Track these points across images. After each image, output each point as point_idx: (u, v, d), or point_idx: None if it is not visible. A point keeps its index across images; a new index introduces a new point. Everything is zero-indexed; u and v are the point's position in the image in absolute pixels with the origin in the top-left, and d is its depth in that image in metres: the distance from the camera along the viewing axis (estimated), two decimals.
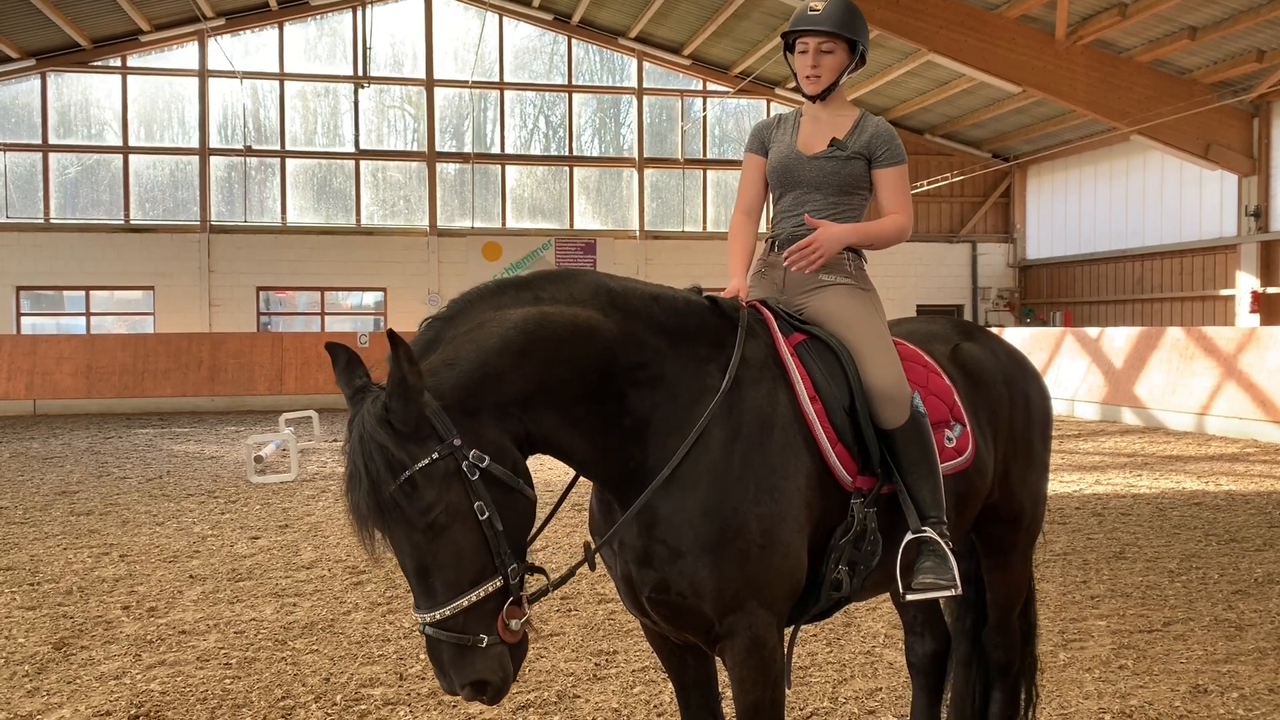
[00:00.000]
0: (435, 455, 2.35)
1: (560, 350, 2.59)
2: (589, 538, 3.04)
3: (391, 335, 2.30)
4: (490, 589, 2.40)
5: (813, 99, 3.38)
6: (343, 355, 2.49)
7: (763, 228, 3.49)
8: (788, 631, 2.98)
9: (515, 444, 2.53)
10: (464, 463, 2.38)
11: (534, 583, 2.61)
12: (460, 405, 2.42)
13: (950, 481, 3.19)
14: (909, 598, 3.03)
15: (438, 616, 2.36)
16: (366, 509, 2.33)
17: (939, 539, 2.99)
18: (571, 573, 2.76)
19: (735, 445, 2.76)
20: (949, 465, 3.20)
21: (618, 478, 2.76)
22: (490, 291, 2.65)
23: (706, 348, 2.86)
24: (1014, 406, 3.62)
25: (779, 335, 3.01)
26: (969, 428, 3.33)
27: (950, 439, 3.24)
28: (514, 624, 2.43)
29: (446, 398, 2.40)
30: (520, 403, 2.54)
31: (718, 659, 2.94)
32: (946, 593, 2.98)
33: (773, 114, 3.58)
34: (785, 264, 3.23)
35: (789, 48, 3.44)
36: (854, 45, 3.31)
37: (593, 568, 2.82)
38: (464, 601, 2.37)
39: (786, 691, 2.91)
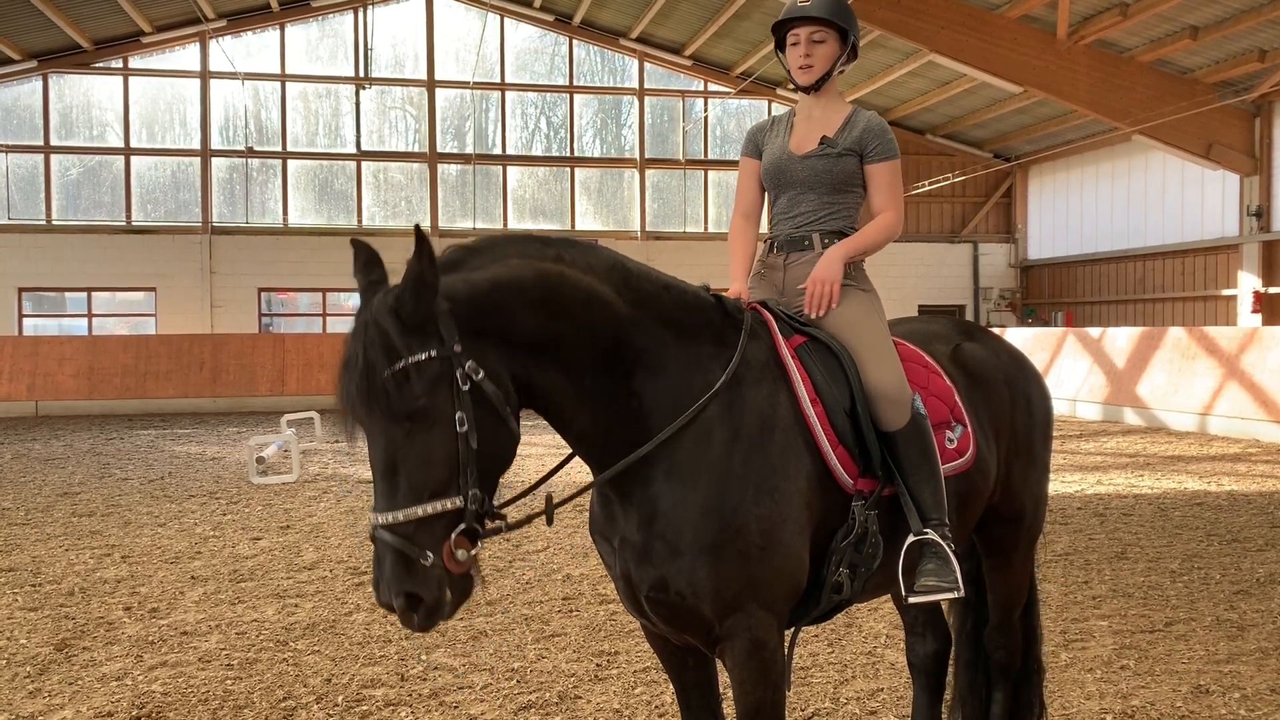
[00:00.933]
0: (433, 353, 2.37)
1: (573, 311, 2.61)
2: (585, 542, 3.03)
3: (419, 230, 2.36)
4: (447, 506, 2.38)
5: (806, 90, 3.38)
6: (365, 251, 2.55)
7: (764, 228, 3.49)
8: (788, 633, 2.97)
9: (517, 386, 2.55)
10: (458, 370, 2.40)
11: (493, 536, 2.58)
12: (469, 322, 2.44)
13: (952, 483, 3.18)
14: (911, 600, 3.02)
15: (390, 519, 2.34)
16: (356, 392, 2.35)
17: (941, 541, 2.98)
18: (529, 520, 2.74)
19: (736, 445, 2.76)
20: (950, 466, 3.19)
21: (613, 459, 2.74)
22: (516, 239, 2.68)
23: (710, 345, 2.86)
24: (1015, 407, 3.62)
25: (779, 337, 3.01)
26: (970, 428, 3.32)
27: (951, 440, 3.24)
28: (460, 554, 2.38)
29: (457, 310, 2.43)
30: (527, 347, 2.55)
31: (718, 660, 2.94)
32: (949, 595, 2.98)
33: (773, 114, 3.57)
34: (811, 315, 3.20)
35: (780, 45, 3.44)
36: (845, 34, 3.32)
37: (550, 523, 2.77)
38: (419, 511, 2.35)
39: (787, 693, 2.91)
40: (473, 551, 2.42)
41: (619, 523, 2.82)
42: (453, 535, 2.38)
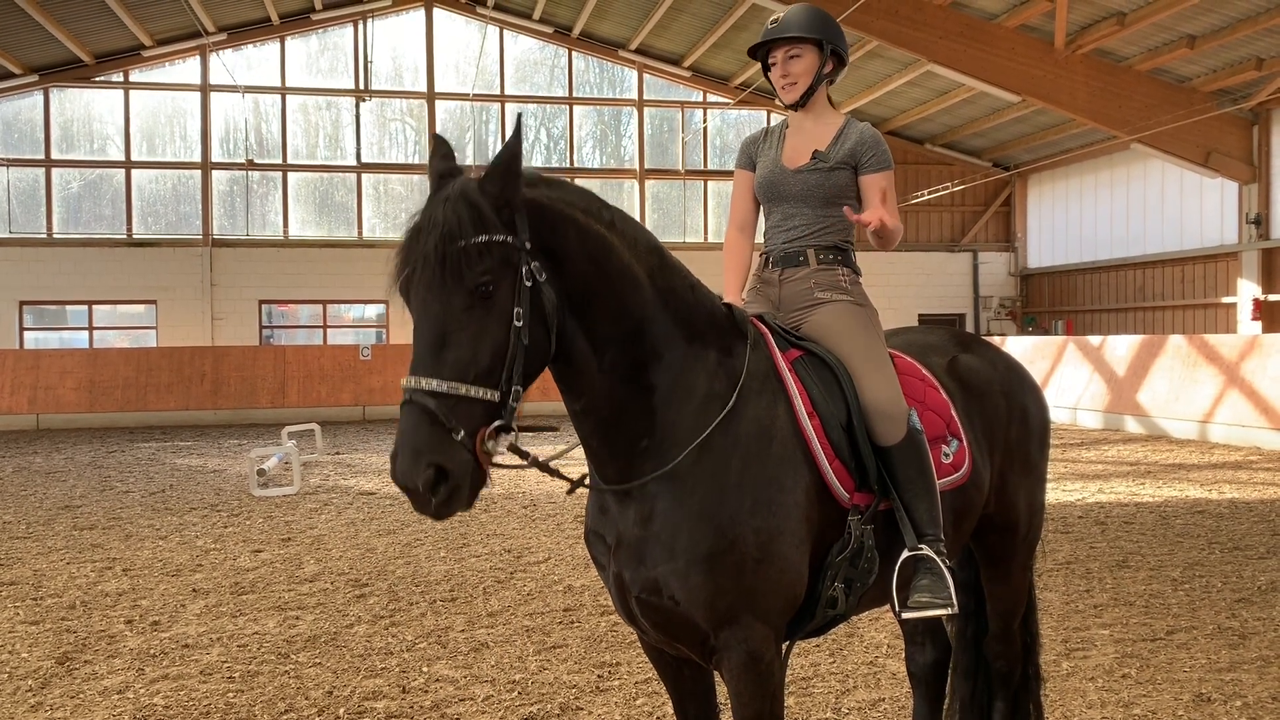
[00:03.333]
0: (510, 239, 2.42)
1: (613, 280, 2.66)
2: (585, 554, 3.02)
3: (519, 120, 2.50)
4: (489, 395, 2.38)
5: (793, 107, 3.39)
6: (443, 145, 2.61)
7: (760, 238, 3.50)
8: (784, 646, 2.97)
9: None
10: (526, 266, 2.45)
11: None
12: (537, 232, 2.50)
13: (948, 497, 3.19)
14: (905, 616, 3.02)
15: (435, 385, 2.32)
16: (431, 252, 2.35)
17: (936, 557, 2.98)
18: (546, 464, 2.74)
19: (734, 455, 2.77)
20: (946, 481, 3.19)
21: (621, 450, 2.74)
22: (583, 190, 2.75)
23: (716, 353, 2.87)
24: (1011, 418, 3.62)
25: (776, 351, 3.02)
26: (966, 442, 3.32)
27: (947, 454, 3.24)
28: (490, 445, 2.38)
29: (533, 218, 2.50)
30: (570, 292, 2.58)
31: (716, 672, 2.94)
32: (943, 611, 2.97)
33: (766, 126, 3.57)
34: (870, 229, 3.12)
35: (765, 67, 3.45)
36: (821, 45, 3.31)
37: (543, 468, 2.75)
38: (463, 389, 2.34)
39: (788, 703, 2.91)
40: (502, 447, 2.43)
41: (614, 521, 2.81)
42: (490, 425, 2.38)
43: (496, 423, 2.40)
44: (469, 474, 2.35)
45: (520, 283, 2.43)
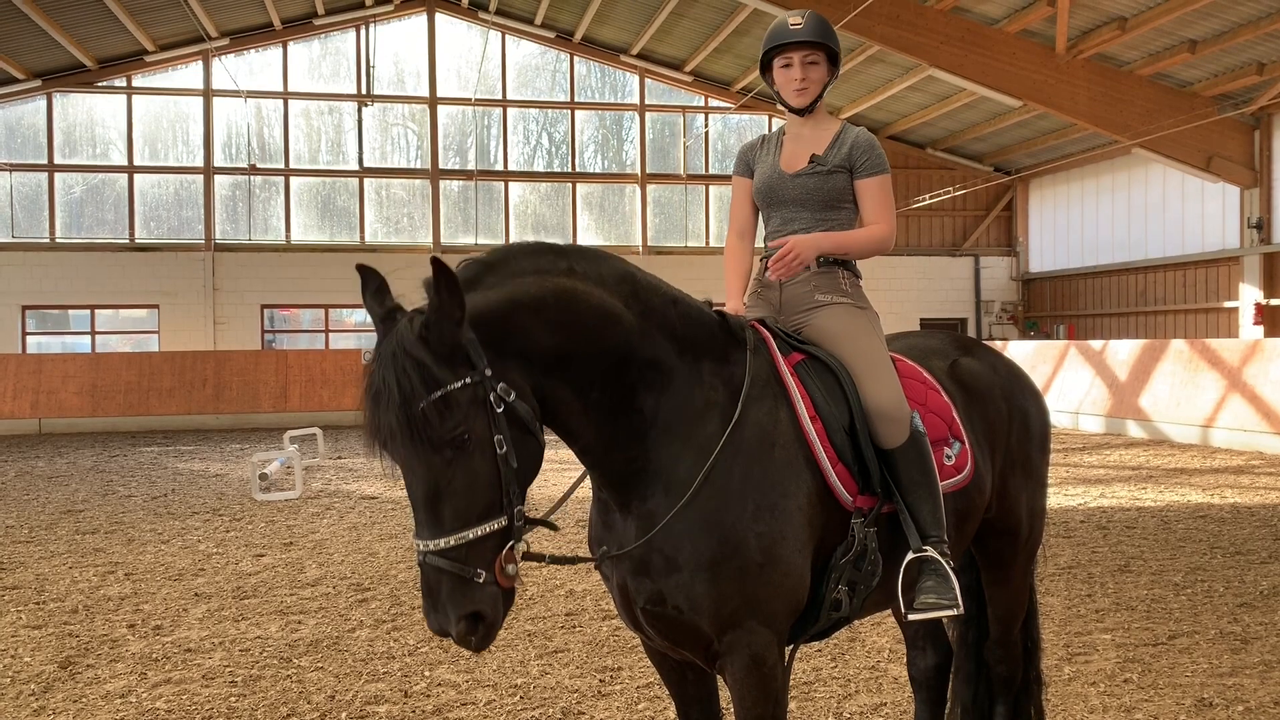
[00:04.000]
0: (468, 379, 2.38)
1: (586, 327, 2.63)
2: (586, 554, 3.04)
3: (436, 261, 2.35)
4: (496, 526, 2.41)
5: (800, 112, 3.41)
6: (373, 278, 2.52)
7: (760, 242, 3.52)
8: (787, 649, 2.98)
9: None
10: (492, 393, 2.42)
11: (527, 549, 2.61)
12: (491, 344, 2.46)
13: (950, 499, 3.19)
14: (911, 617, 3.03)
15: (443, 544, 2.36)
16: (395, 424, 2.33)
17: (940, 558, 2.99)
18: (561, 558, 2.79)
19: (736, 462, 2.77)
20: (949, 483, 3.20)
21: (618, 475, 2.77)
22: (529, 250, 2.68)
23: (712, 362, 2.88)
24: (1012, 421, 3.63)
25: (778, 355, 3.03)
26: (968, 445, 3.34)
27: (949, 457, 3.25)
28: (510, 568, 2.43)
29: (481, 333, 2.44)
30: (543, 364, 2.57)
31: (719, 676, 2.95)
32: (949, 612, 2.98)
33: (763, 133, 3.59)
34: (769, 277, 3.26)
35: (765, 66, 3.47)
36: (834, 56, 3.37)
37: (554, 529, 2.76)
38: (470, 534, 2.37)
39: (790, 707, 2.92)
40: (520, 563, 2.46)
41: (617, 533, 2.83)
42: (504, 551, 2.42)
43: (510, 544, 2.44)
44: (499, 606, 2.42)
45: (493, 411, 2.42)
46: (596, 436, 2.72)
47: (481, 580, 2.37)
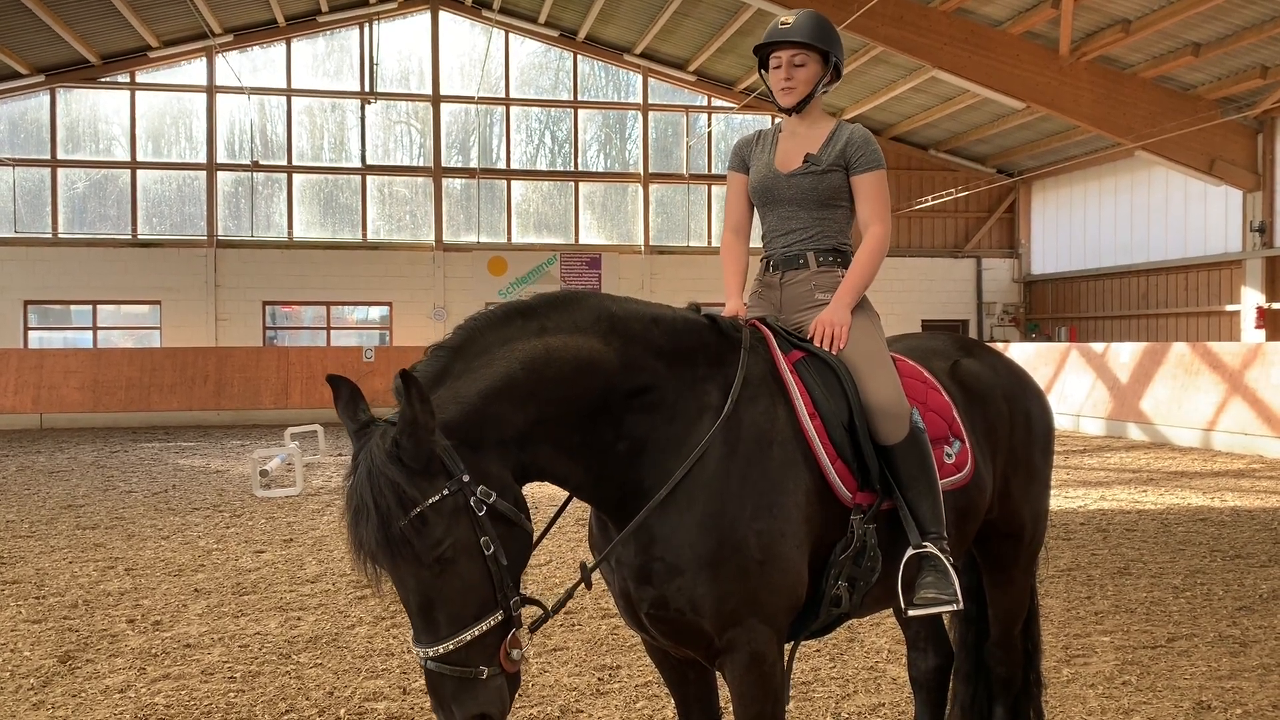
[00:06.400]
0: (446, 491, 2.36)
1: (563, 387, 2.61)
2: (587, 556, 3.05)
3: (405, 375, 2.32)
4: (493, 623, 2.42)
5: (788, 112, 3.40)
6: (345, 389, 2.50)
7: (755, 241, 3.51)
8: (788, 646, 2.98)
9: (514, 477, 2.56)
10: (471, 498, 2.40)
11: (527, 613, 2.63)
12: (466, 441, 2.44)
13: (950, 497, 3.20)
14: (911, 613, 3.03)
15: (441, 650, 2.37)
16: (376, 544, 2.33)
17: (940, 554, 3.00)
18: (569, 595, 2.78)
19: (733, 461, 2.78)
20: (949, 481, 3.21)
21: (614, 501, 2.78)
22: (497, 321, 2.64)
23: (704, 366, 2.88)
24: (1014, 423, 3.63)
25: (778, 352, 3.03)
26: (968, 444, 3.34)
27: (949, 455, 3.25)
28: (514, 654, 2.45)
29: (454, 434, 2.42)
30: (519, 439, 2.55)
31: (719, 673, 2.95)
32: (948, 608, 2.99)
33: (759, 129, 3.58)
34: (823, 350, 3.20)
35: (764, 65, 3.47)
36: (826, 56, 3.34)
37: (589, 587, 2.83)
38: (467, 636, 2.38)
39: (788, 706, 2.92)
40: (524, 647, 2.48)
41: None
42: (505, 641, 2.43)
43: (511, 632, 2.45)
44: (505, 699, 2.43)
45: (474, 515, 2.40)
46: (586, 474, 2.72)
47: (485, 676, 2.39)
